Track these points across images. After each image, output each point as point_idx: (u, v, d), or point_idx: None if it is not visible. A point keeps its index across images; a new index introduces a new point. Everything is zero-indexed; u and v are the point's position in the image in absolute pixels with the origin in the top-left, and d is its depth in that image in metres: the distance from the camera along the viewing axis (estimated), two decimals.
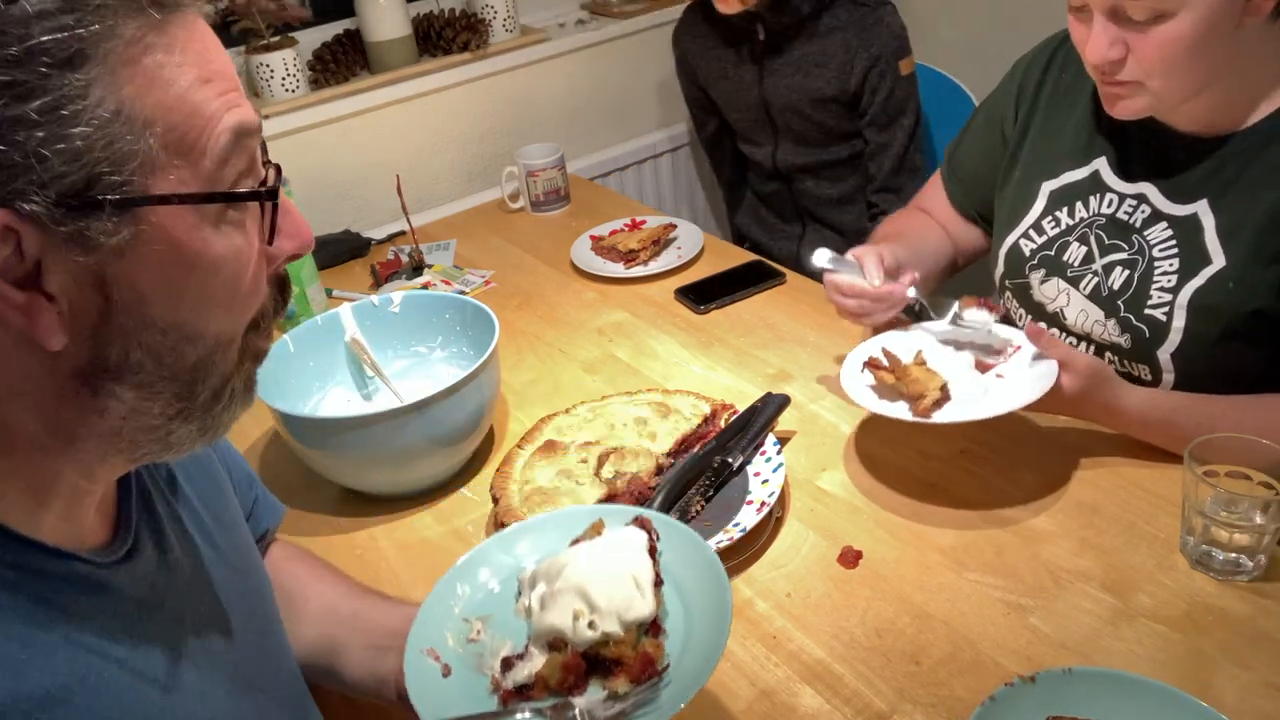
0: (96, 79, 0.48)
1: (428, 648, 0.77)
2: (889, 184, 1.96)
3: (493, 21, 2.19)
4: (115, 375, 0.54)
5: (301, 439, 1.16)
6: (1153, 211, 1.15)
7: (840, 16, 1.88)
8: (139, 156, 0.50)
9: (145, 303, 0.53)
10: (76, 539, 0.60)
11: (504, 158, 2.19)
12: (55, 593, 0.56)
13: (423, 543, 1.16)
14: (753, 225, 2.25)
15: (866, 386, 1.16)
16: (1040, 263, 1.26)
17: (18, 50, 0.46)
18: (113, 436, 0.56)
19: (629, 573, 0.76)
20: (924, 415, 1.09)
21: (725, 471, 1.15)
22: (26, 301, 0.49)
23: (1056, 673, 0.82)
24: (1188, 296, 1.11)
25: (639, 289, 1.66)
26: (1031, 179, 1.28)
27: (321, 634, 0.91)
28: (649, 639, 0.75)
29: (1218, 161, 1.11)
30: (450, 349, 1.34)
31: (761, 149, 2.09)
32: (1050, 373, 1.08)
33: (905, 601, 0.99)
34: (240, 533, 0.80)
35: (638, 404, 1.26)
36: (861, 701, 0.90)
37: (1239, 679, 0.87)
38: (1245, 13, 1.00)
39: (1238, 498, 0.95)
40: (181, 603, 0.66)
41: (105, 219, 0.49)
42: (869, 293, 1.23)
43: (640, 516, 0.84)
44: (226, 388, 0.59)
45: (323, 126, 2.04)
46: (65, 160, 0.48)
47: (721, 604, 0.75)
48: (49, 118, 0.47)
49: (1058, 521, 1.07)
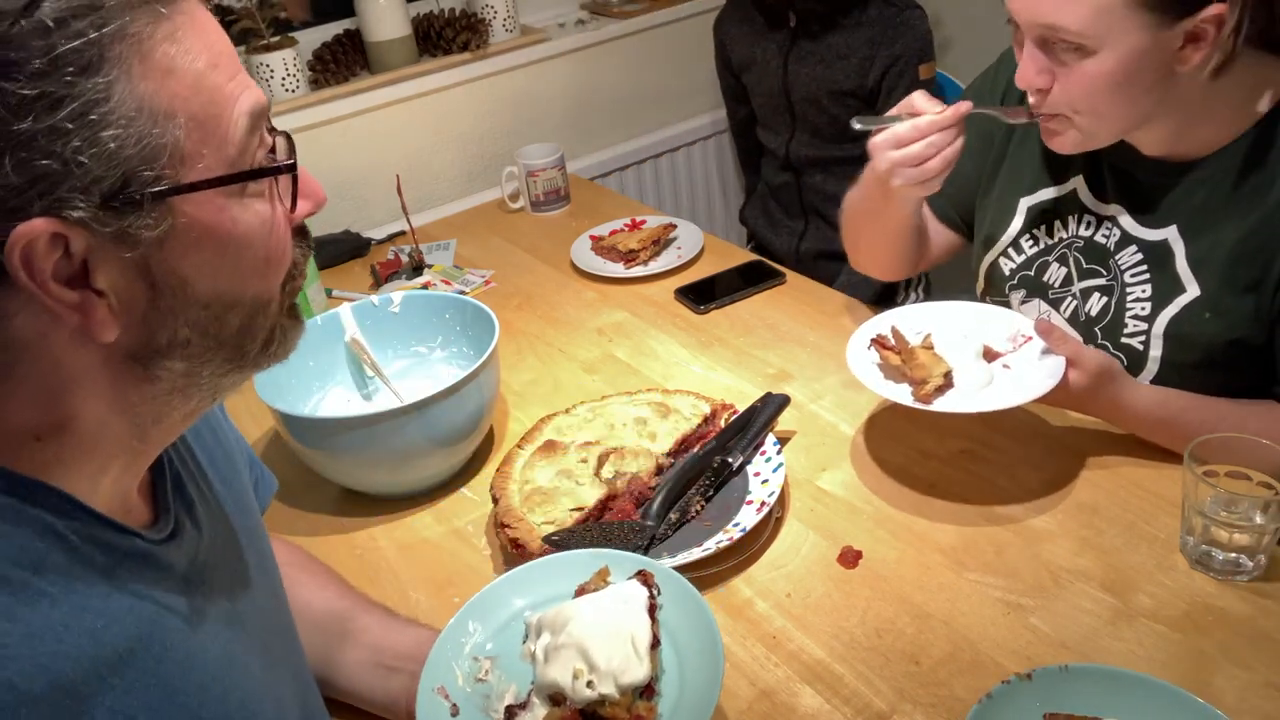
0: (116, 80, 0.49)
1: (438, 686, 0.83)
2: None
3: (493, 21, 2.19)
4: (166, 353, 0.57)
5: (301, 439, 1.16)
6: (1123, 234, 1.14)
7: (869, 13, 1.91)
8: (167, 149, 0.52)
9: (187, 284, 0.55)
10: (128, 519, 0.62)
11: (504, 158, 2.19)
12: (118, 564, 0.59)
13: (423, 543, 1.16)
14: (759, 218, 2.26)
15: (872, 364, 1.15)
16: (1020, 283, 1.24)
17: (43, 63, 0.47)
18: (165, 397, 0.59)
19: (628, 634, 0.82)
20: (925, 401, 1.08)
21: (725, 471, 1.15)
22: (80, 300, 0.51)
23: (1053, 670, 0.82)
24: (1163, 325, 1.10)
25: (639, 289, 1.66)
26: (1010, 194, 1.26)
27: (326, 645, 0.92)
28: (643, 702, 0.80)
29: (1186, 187, 1.09)
30: (450, 349, 1.34)
31: (778, 138, 2.11)
32: (1057, 369, 1.07)
33: (905, 601, 0.99)
34: (253, 512, 0.82)
35: (638, 404, 1.26)
36: (861, 701, 0.90)
37: (1239, 679, 0.87)
38: (1177, 61, 0.98)
39: (1238, 498, 0.95)
40: (219, 580, 0.68)
41: (145, 214, 0.51)
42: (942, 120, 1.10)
43: (644, 571, 0.89)
44: (274, 335, 0.63)
45: (323, 126, 2.04)
46: (101, 163, 0.49)
47: (714, 665, 0.80)
48: (80, 124, 0.48)
49: (1058, 521, 1.07)
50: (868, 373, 1.14)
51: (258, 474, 0.93)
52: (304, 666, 0.83)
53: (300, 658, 0.83)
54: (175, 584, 0.63)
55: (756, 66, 2.07)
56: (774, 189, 2.21)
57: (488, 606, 0.90)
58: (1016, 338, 1.17)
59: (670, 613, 0.86)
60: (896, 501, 1.12)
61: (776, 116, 2.09)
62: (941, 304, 1.24)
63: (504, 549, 1.08)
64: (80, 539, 0.56)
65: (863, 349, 1.17)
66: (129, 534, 0.60)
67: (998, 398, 1.08)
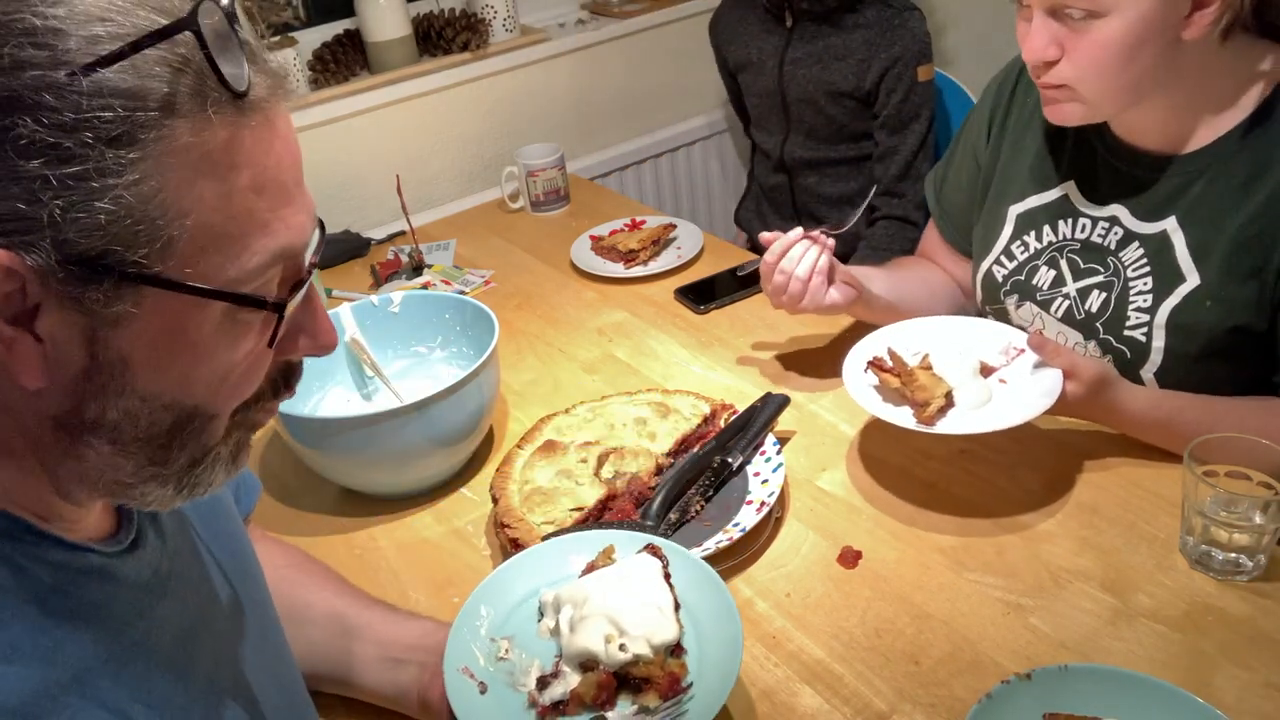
0: (140, 161, 0.48)
1: (462, 666, 0.85)
2: (892, 189, 1.97)
3: (493, 21, 2.19)
4: (91, 429, 0.54)
5: (301, 439, 1.16)
6: (1125, 233, 1.15)
7: (867, 15, 1.91)
8: (161, 240, 0.49)
9: (129, 369, 0.53)
10: (85, 531, 0.61)
11: (504, 158, 2.19)
12: (70, 582, 0.58)
13: (423, 543, 1.16)
14: (753, 219, 2.26)
15: (869, 387, 1.15)
16: (1012, 288, 1.25)
17: (73, 118, 0.46)
18: (89, 481, 0.57)
19: (652, 599, 0.85)
20: (928, 424, 1.08)
21: (725, 471, 1.15)
22: (13, 336, 0.49)
23: (1052, 670, 0.82)
24: (1165, 316, 1.11)
25: (639, 289, 1.66)
26: (1000, 203, 1.27)
27: (330, 643, 0.92)
28: (674, 659, 0.83)
29: (1183, 178, 1.10)
30: (450, 349, 1.34)
31: (772, 138, 2.11)
32: (1054, 382, 1.08)
33: (905, 601, 0.99)
34: (232, 516, 0.81)
35: (637, 404, 1.26)
36: (861, 701, 0.90)
37: (1239, 679, 0.87)
38: (1183, 28, 1.00)
39: (1237, 498, 0.95)
40: (184, 586, 0.67)
41: (109, 289, 0.49)
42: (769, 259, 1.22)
43: (651, 544, 0.92)
44: (208, 456, 0.59)
45: (323, 126, 2.04)
46: (81, 230, 0.47)
47: (731, 624, 0.84)
48: (80, 186, 0.47)
49: (1058, 521, 1.07)
50: (866, 396, 1.13)
51: (239, 479, 0.92)
52: (292, 672, 0.82)
53: (286, 662, 0.82)
54: (136, 597, 0.62)
55: (752, 66, 2.07)
56: (767, 190, 2.21)
57: (496, 591, 0.92)
58: (1009, 350, 1.18)
59: (680, 581, 0.89)
60: (896, 501, 1.12)
61: (771, 117, 2.09)
62: (932, 320, 1.24)
63: (504, 549, 1.08)
64: (28, 560, 0.55)
65: (859, 371, 1.17)
66: (81, 550, 0.59)
67: (999, 416, 1.08)
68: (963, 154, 1.37)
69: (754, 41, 2.05)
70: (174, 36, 0.48)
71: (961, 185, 1.37)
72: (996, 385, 1.15)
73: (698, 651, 0.85)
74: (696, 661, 0.84)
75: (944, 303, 1.40)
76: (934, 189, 1.44)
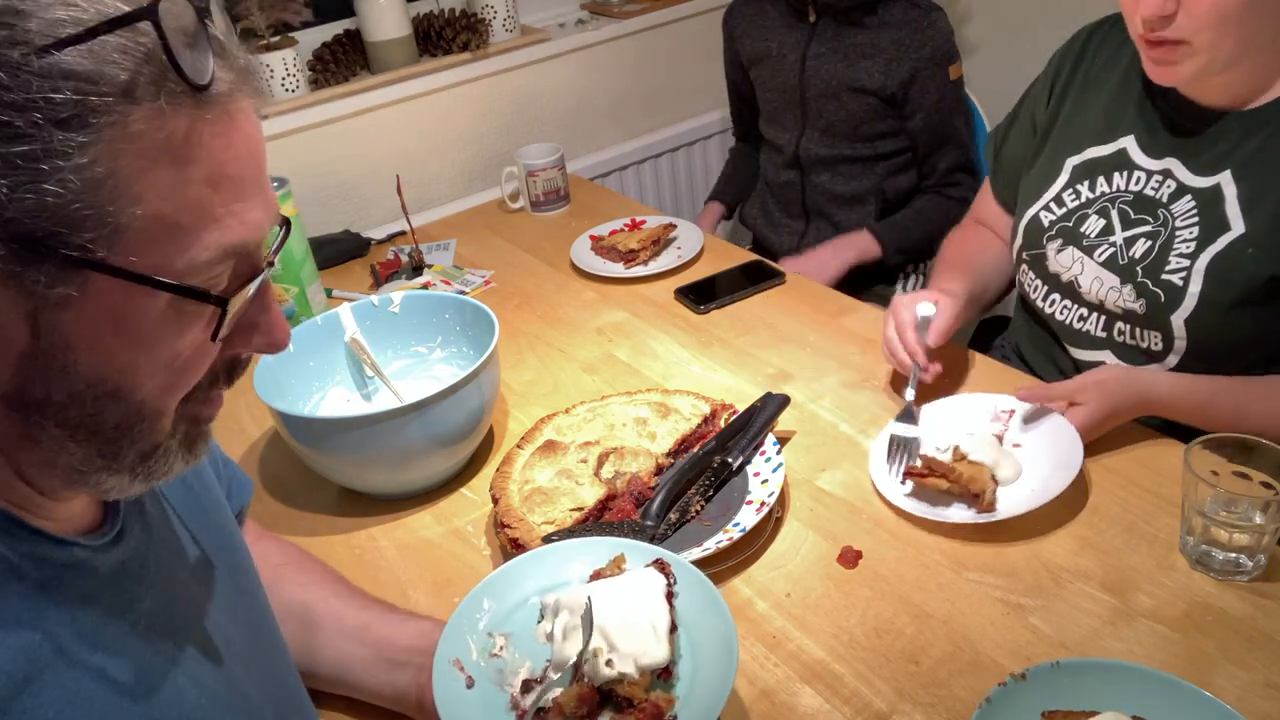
0: (91, 144, 0.47)
1: (454, 658, 0.84)
2: (946, 180, 2.01)
3: (493, 21, 2.19)
4: (40, 410, 0.54)
5: (301, 439, 1.16)
6: (1179, 185, 1.17)
7: (894, 14, 1.91)
8: (109, 226, 0.49)
9: (72, 352, 0.52)
10: (70, 525, 0.61)
11: (504, 158, 2.19)
12: (56, 577, 0.58)
13: (423, 543, 1.16)
14: (758, 217, 2.25)
15: (906, 496, 1.11)
16: (1058, 233, 1.28)
17: (23, 97, 0.46)
18: (49, 467, 0.57)
19: (649, 617, 0.83)
20: (990, 510, 1.06)
21: (725, 471, 1.15)
22: None
23: (1045, 668, 0.82)
24: (1206, 262, 1.13)
25: (639, 289, 1.66)
26: (1057, 155, 1.31)
27: (328, 643, 0.92)
28: (660, 685, 0.81)
29: (1242, 133, 1.13)
30: (450, 349, 1.34)
31: (787, 134, 2.10)
32: (1064, 428, 1.10)
33: (905, 601, 0.99)
34: (222, 507, 0.81)
35: (637, 404, 1.26)
36: (861, 701, 0.90)
37: (1239, 679, 0.87)
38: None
39: (1237, 498, 0.95)
40: (169, 578, 0.67)
41: (50, 270, 0.49)
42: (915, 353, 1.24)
43: (660, 560, 0.90)
44: (158, 450, 0.59)
45: (323, 126, 2.04)
46: (27, 210, 0.47)
47: (727, 656, 0.81)
48: (29, 166, 0.46)
49: (1058, 521, 1.07)
50: (917, 507, 1.09)
51: (230, 475, 0.92)
52: (286, 665, 0.82)
53: (281, 657, 0.82)
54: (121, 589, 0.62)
55: (770, 60, 2.06)
56: (775, 187, 2.20)
57: (503, 586, 0.91)
58: (999, 415, 1.19)
59: (686, 603, 0.87)
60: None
61: (787, 112, 2.08)
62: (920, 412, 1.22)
63: (504, 549, 1.08)
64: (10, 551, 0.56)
65: (896, 484, 1.13)
66: (67, 545, 0.59)
67: (1053, 479, 1.07)
68: (1024, 116, 1.42)
69: (774, 35, 2.05)
70: (137, 25, 0.48)
71: (1015, 143, 1.42)
72: (1015, 451, 1.14)
73: (690, 678, 0.82)
74: (686, 687, 0.81)
75: (1006, 272, 1.45)
76: (994, 146, 1.48)
